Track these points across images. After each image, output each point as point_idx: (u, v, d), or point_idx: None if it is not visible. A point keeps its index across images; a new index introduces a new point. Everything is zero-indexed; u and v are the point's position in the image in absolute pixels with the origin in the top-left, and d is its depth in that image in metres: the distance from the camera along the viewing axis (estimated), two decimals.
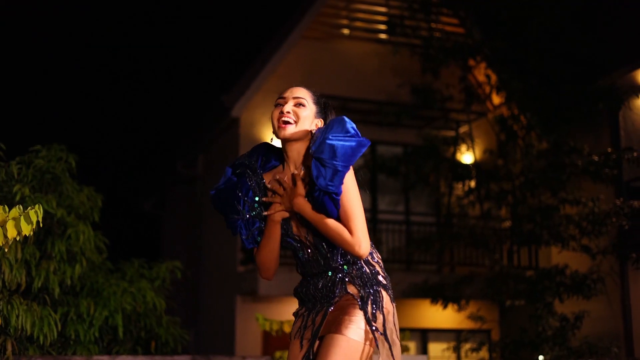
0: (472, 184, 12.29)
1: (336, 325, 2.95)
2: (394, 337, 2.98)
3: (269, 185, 3.13)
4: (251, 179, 3.16)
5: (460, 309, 11.95)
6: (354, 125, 3.08)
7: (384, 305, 3.00)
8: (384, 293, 3.03)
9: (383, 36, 14.26)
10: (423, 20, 13.29)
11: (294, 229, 3.10)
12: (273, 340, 12.72)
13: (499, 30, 12.26)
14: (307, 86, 3.21)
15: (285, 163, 3.15)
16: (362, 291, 2.99)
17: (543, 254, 13.59)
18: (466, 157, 13.44)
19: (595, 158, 11.57)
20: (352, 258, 3.05)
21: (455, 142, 12.79)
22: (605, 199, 12.39)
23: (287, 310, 12.47)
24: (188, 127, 17.27)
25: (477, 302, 12.49)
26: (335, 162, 2.92)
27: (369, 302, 2.97)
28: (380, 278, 3.06)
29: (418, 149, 12.83)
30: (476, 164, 12.44)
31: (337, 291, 3.02)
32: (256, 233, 3.13)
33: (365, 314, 2.95)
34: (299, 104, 3.10)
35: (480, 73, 13.05)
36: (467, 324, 12.81)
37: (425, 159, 12.29)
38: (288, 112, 3.07)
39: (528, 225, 11.62)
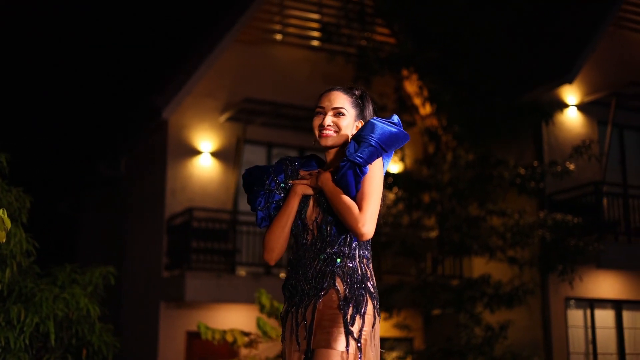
0: (400, 193, 12.36)
1: (325, 337, 2.91)
2: (367, 348, 2.93)
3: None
4: (287, 168, 3.20)
5: (389, 318, 11.99)
6: (399, 120, 3.12)
7: (366, 312, 2.97)
8: (368, 299, 2.99)
9: (315, 43, 14.25)
10: (358, 30, 13.33)
11: (309, 210, 3.09)
12: (197, 348, 12.51)
13: (431, 42, 12.39)
14: (344, 89, 3.22)
15: (325, 164, 3.22)
16: (347, 290, 2.97)
17: (466, 264, 13.81)
18: (395, 166, 13.52)
19: (522, 171, 11.81)
20: (348, 250, 3.02)
21: None
22: (529, 211, 12.68)
23: (213, 317, 12.30)
24: (111, 127, 16.88)
25: (401, 310, 12.56)
26: (370, 136, 2.95)
27: (351, 305, 2.94)
28: (368, 284, 3.02)
29: None
30: (406, 173, 12.51)
31: (325, 284, 2.98)
32: (273, 207, 3.14)
33: (344, 315, 2.92)
34: (338, 114, 3.13)
35: (413, 84, 13.17)
36: (393, 333, 12.89)
37: None
38: (329, 125, 3.11)
39: (456, 235, 11.76)
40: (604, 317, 13.85)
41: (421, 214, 12.18)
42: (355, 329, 2.92)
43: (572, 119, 14.02)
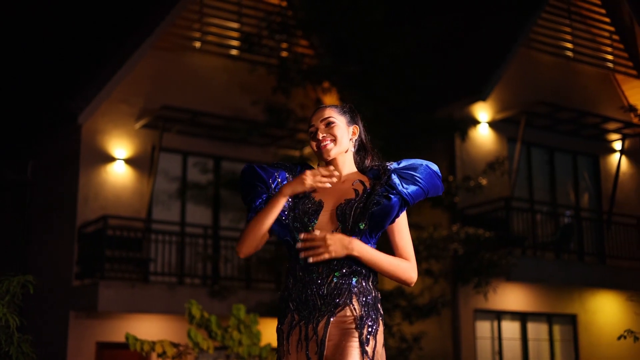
0: None
1: (340, 352, 2.94)
2: None
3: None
4: (289, 173, 3.18)
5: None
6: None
7: (378, 332, 3.01)
8: (380, 321, 3.04)
9: (235, 52, 14.19)
10: (277, 41, 13.34)
11: (322, 223, 3.03)
12: (107, 359, 12.22)
13: (351, 57, 12.51)
14: (332, 105, 3.24)
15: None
16: (362, 310, 2.99)
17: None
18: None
19: None
20: (365, 271, 3.05)
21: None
22: (443, 225, 12.96)
23: (125, 328, 12.05)
24: (19, 129, 16.31)
25: None
26: (420, 179, 3.09)
27: (366, 325, 2.97)
28: (379, 306, 3.07)
29: None
30: None
31: (341, 301, 2.99)
32: (264, 198, 3.11)
33: (360, 335, 2.94)
34: (328, 124, 3.14)
35: (334, 97, 13.27)
36: None
37: None
38: (324, 137, 3.12)
39: None
40: (510, 329, 14.26)
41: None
42: (369, 348, 2.95)
43: (483, 135, 14.41)
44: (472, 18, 16.13)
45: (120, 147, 12.93)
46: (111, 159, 12.85)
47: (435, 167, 3.15)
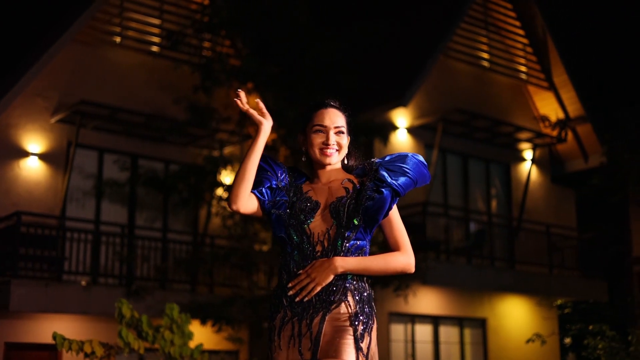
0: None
1: (334, 348, 2.94)
2: None
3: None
4: (289, 175, 3.23)
5: (220, 331, 11.90)
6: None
7: (372, 330, 3.03)
8: (374, 318, 3.07)
9: (155, 49, 13.96)
10: (200, 39, 13.19)
11: (317, 219, 3.06)
12: None
13: (274, 58, 12.48)
14: (338, 106, 3.23)
15: (315, 178, 3.22)
16: (357, 306, 3.02)
17: None
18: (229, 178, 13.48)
19: None
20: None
21: (220, 163, 12.73)
22: None
23: (38, 328, 11.70)
24: None
25: (234, 323, 12.49)
26: (408, 169, 3.13)
27: (361, 322, 2.99)
28: (373, 304, 3.09)
29: (196, 168, 12.69)
30: None
31: (337, 297, 3.01)
32: (284, 207, 3.12)
33: (355, 332, 2.97)
34: (340, 132, 3.18)
35: (256, 98, 13.20)
36: (217, 346, 12.81)
37: (204, 178, 12.14)
38: (333, 145, 3.15)
39: None
40: (424, 332, 14.51)
41: (260, 227, 12.20)
42: (364, 345, 2.98)
43: (401, 141, 14.63)
44: (395, 25, 16.35)
45: (35, 142, 12.54)
46: (25, 154, 12.45)
47: (420, 157, 3.21)
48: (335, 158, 3.16)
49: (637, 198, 16.66)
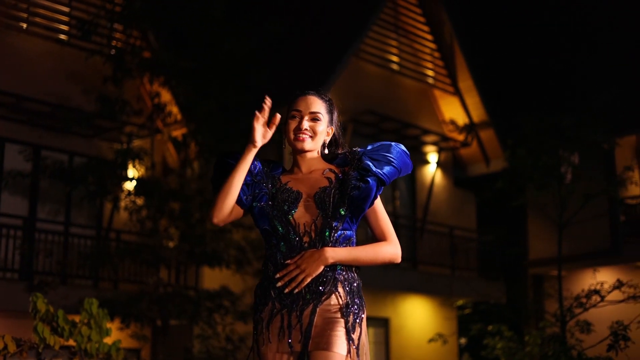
0: (140, 200, 12.07)
1: (325, 340, 2.92)
2: (363, 356, 3.02)
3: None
4: (264, 167, 3.18)
5: (126, 328, 11.65)
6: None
7: (362, 321, 3.03)
8: (364, 309, 3.06)
9: (63, 37, 13.54)
10: (111, 30, 12.86)
11: (301, 210, 3.04)
12: None
13: (187, 52, 12.30)
14: (318, 94, 3.22)
15: (295, 167, 3.20)
16: (347, 297, 3.01)
17: (192, 275, 13.72)
18: (136, 172, 13.20)
19: None
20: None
21: (128, 156, 12.43)
22: None
23: None
24: None
25: (137, 320, 12.25)
26: (392, 158, 3.13)
27: (351, 313, 2.98)
28: (361, 294, 3.09)
29: (103, 161, 12.38)
30: (153, 180, 12.22)
31: (327, 289, 2.99)
32: (265, 199, 3.12)
33: (347, 323, 2.96)
34: (315, 119, 3.15)
35: (168, 91, 12.98)
36: (125, 343, 12.54)
37: (113, 171, 11.83)
38: (306, 129, 3.12)
39: (201, 246, 11.75)
40: None
41: (168, 224, 11.98)
42: (355, 336, 2.97)
43: None
44: (308, 25, 16.38)
45: None
46: None
47: (403, 147, 3.22)
48: (309, 144, 3.13)
49: (535, 203, 17.21)
